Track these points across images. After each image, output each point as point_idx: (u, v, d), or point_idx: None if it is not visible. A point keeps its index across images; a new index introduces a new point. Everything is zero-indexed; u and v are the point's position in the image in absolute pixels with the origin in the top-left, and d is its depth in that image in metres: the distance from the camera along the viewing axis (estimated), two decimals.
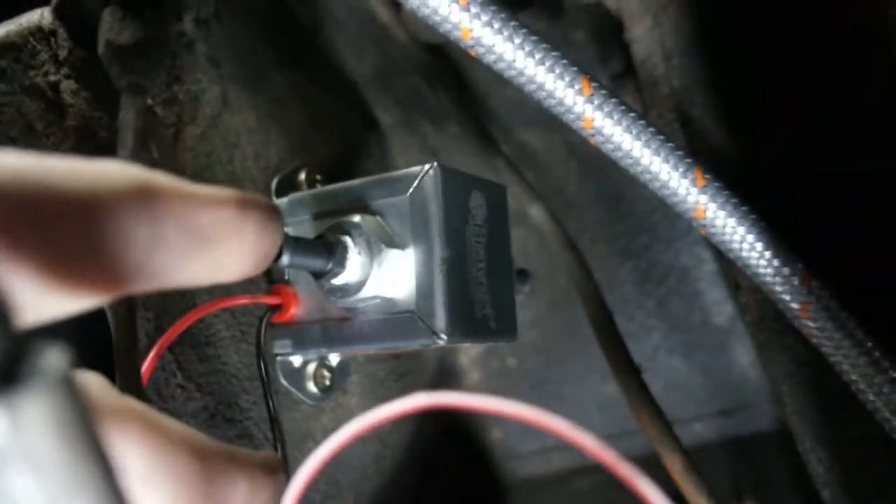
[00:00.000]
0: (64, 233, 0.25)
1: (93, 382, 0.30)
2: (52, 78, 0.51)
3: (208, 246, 0.30)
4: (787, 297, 0.51)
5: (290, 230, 0.58)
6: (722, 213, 0.49)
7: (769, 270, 0.50)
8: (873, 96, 0.58)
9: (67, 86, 0.51)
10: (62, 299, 0.26)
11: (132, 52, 0.48)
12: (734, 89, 0.66)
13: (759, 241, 0.50)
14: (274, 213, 0.33)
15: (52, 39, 0.52)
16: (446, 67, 0.83)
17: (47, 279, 0.25)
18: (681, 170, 0.48)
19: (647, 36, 0.69)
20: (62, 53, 0.52)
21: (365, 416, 0.24)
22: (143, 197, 0.27)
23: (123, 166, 0.28)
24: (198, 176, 0.58)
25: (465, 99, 0.83)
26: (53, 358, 0.19)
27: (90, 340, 0.49)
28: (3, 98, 0.48)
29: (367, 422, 0.25)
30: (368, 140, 0.82)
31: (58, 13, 0.52)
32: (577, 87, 0.46)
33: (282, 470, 0.35)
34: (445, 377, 0.91)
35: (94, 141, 0.52)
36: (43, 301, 0.25)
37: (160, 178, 0.29)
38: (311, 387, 0.60)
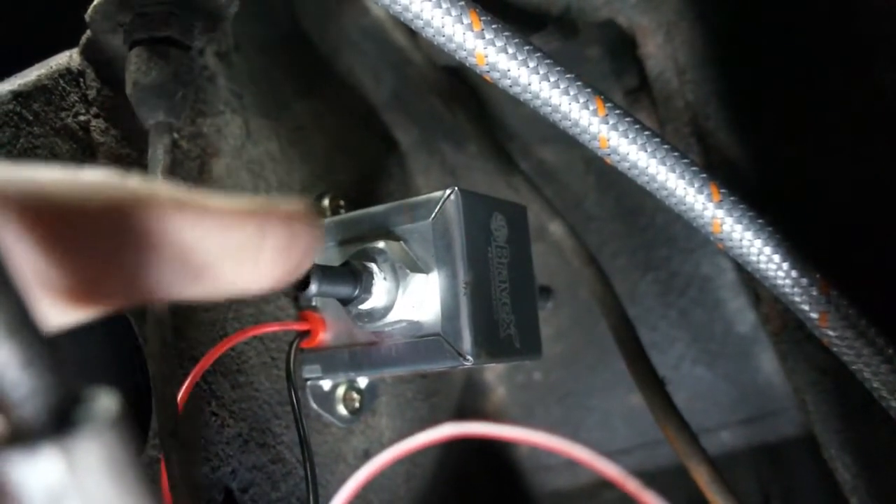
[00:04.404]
0: (58, 241, 0.24)
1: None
2: (83, 118, 0.52)
3: (211, 271, 0.27)
4: (807, 308, 0.51)
5: (316, 258, 0.59)
6: (739, 227, 0.50)
7: (787, 281, 0.51)
8: (887, 107, 0.59)
9: (97, 125, 0.53)
10: (64, 310, 0.25)
11: (159, 92, 0.50)
12: (748, 102, 0.67)
13: (776, 252, 0.50)
14: (303, 226, 0.29)
15: (81, 80, 0.53)
16: (463, 87, 0.84)
17: (51, 281, 0.24)
18: (696, 185, 0.49)
19: (659, 51, 0.69)
20: (91, 94, 0.53)
21: (395, 446, 0.25)
22: (131, 212, 0.25)
23: (113, 177, 0.25)
24: None
25: (483, 118, 0.84)
26: (104, 402, 0.21)
27: (128, 372, 0.50)
28: (37, 140, 0.49)
29: (398, 452, 0.26)
30: (389, 161, 0.83)
31: (85, 55, 0.53)
32: (591, 108, 0.47)
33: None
34: (472, 393, 0.92)
35: None
36: (51, 312, 0.24)
37: (160, 192, 0.25)
38: (341, 409, 0.62)
